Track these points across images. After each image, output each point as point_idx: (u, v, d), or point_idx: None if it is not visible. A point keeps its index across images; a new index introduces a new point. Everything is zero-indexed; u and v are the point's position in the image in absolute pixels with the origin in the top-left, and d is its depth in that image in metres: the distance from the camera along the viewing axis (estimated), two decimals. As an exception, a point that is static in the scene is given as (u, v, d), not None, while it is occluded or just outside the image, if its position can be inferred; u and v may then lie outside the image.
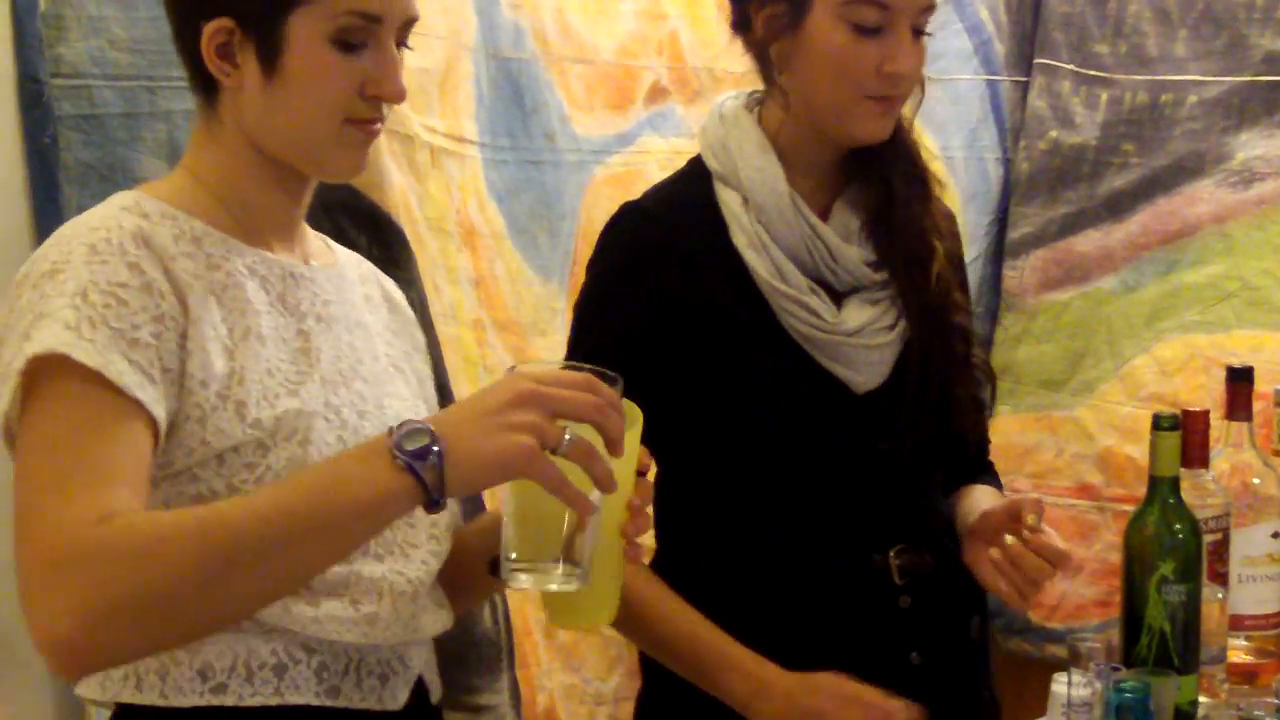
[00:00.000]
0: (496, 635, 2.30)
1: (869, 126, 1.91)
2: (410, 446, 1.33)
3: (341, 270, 1.64)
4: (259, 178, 1.55)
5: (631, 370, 1.72)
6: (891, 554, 1.93)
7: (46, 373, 1.37)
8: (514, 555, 1.41)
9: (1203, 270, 2.89)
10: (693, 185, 1.95)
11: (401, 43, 1.55)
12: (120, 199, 1.50)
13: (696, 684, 1.87)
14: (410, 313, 1.74)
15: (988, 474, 2.13)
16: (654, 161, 2.62)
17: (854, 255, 1.92)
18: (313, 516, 1.34)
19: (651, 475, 1.55)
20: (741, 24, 1.96)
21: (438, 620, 1.57)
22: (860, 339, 1.91)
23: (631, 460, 1.47)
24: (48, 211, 1.94)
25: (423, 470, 1.33)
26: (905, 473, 1.96)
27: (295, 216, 1.60)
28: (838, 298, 1.92)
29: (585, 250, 2.52)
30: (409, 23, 1.54)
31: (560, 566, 1.40)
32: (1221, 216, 2.89)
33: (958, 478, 2.07)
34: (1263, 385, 2.73)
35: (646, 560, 1.89)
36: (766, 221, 1.90)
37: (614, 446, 1.38)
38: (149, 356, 1.40)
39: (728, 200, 1.92)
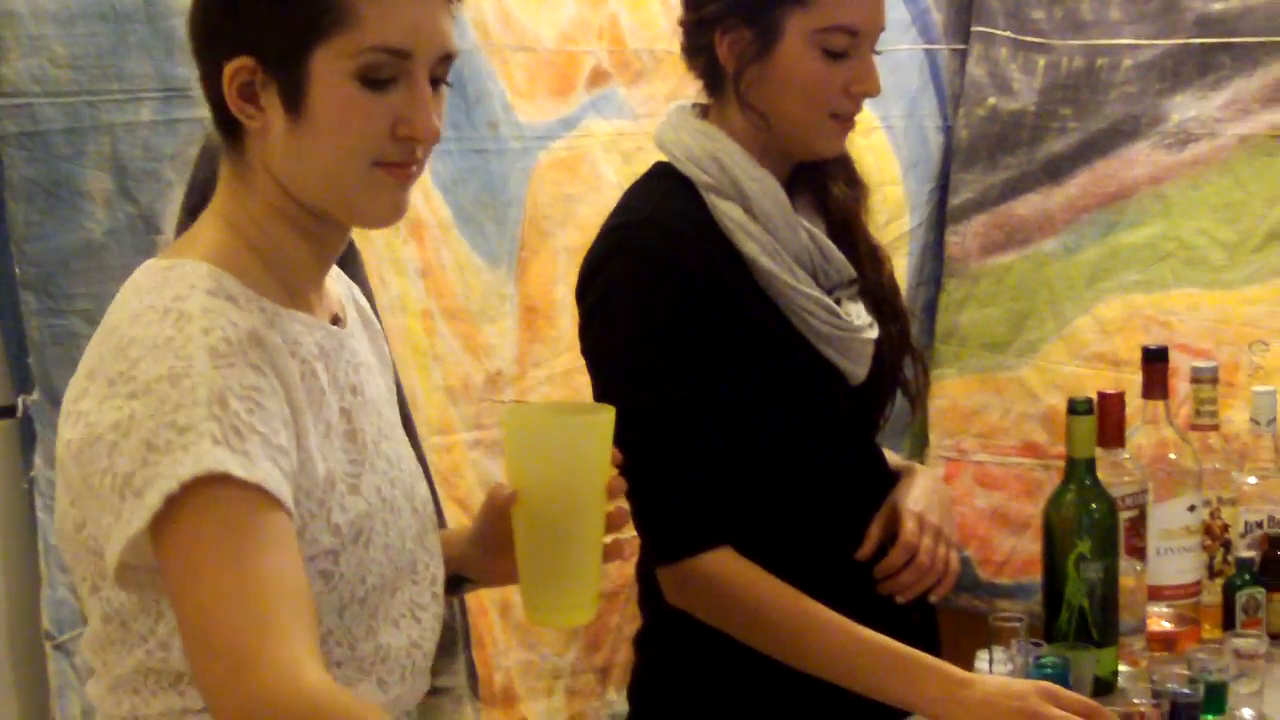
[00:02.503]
0: (451, 618, 2.35)
1: (833, 142, 2.02)
2: None
3: (350, 321, 1.58)
4: (293, 226, 1.47)
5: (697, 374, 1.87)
6: None
7: (199, 489, 1.29)
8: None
9: (1140, 231, 2.92)
10: (681, 198, 1.99)
11: (441, 79, 1.46)
12: (199, 279, 1.39)
13: (872, 691, 1.86)
14: (378, 324, 1.68)
15: None
16: (598, 144, 2.66)
17: (840, 256, 2.03)
18: None
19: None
20: (697, 49, 2.02)
21: (426, 682, 1.60)
22: (864, 334, 2.02)
23: (605, 451, 1.51)
24: (-5, 230, 1.99)
25: None
26: (879, 454, 2.12)
27: (327, 265, 1.54)
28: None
29: (532, 235, 2.58)
30: (446, 58, 1.45)
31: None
32: (1157, 178, 2.91)
33: None
34: (1200, 341, 2.80)
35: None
36: (774, 229, 1.97)
37: None
38: (289, 464, 1.35)
39: (728, 211, 1.97)
